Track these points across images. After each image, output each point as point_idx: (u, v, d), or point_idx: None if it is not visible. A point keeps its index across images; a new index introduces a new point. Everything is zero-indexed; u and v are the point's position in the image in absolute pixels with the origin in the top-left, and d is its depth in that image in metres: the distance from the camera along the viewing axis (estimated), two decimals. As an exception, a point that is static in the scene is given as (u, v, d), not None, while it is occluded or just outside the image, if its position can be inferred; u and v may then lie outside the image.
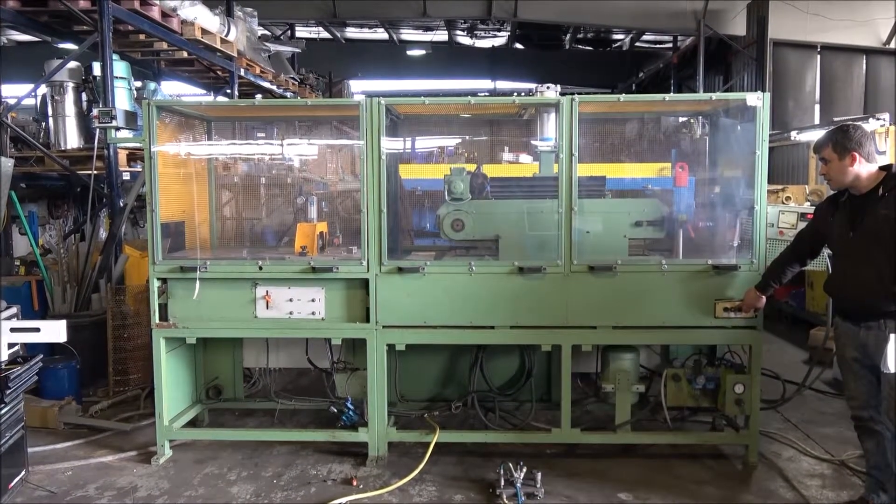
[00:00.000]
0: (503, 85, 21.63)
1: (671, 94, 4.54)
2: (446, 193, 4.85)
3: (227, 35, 9.26)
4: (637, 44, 20.32)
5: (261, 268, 4.70)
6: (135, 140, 5.66)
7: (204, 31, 8.55)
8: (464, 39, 21.32)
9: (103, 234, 7.43)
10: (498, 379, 5.32)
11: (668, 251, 4.92)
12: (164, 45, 8.50)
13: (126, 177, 6.92)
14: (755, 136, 4.49)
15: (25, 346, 4.95)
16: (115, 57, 6.90)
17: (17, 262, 6.34)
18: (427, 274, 4.63)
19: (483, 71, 21.31)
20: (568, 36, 20.29)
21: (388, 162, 4.66)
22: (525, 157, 8.47)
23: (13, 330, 4.28)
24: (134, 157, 7.24)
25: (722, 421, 4.91)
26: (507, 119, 5.86)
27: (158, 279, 4.75)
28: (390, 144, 4.84)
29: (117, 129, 4.70)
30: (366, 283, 4.67)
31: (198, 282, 4.67)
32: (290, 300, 4.73)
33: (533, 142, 5.92)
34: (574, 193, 4.54)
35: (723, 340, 4.75)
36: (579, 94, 4.62)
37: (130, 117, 4.76)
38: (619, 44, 21.03)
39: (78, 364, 5.95)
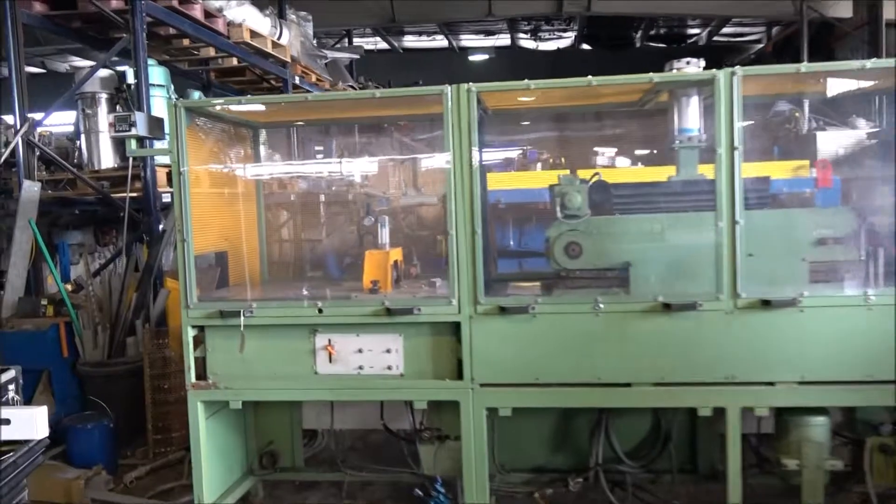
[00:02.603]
0: (571, 88, 20.35)
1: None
2: (558, 209, 3.69)
3: (279, 38, 8.36)
4: (715, 38, 18.78)
5: (321, 310, 3.64)
6: (159, 152, 4.71)
7: (253, 34, 7.66)
8: (527, 43, 20.22)
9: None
10: (625, 442, 4.11)
11: (831, 276, 3.62)
12: (212, 52, 7.66)
13: (166, 199, 6.03)
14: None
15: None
16: (151, 62, 6.04)
17: (44, 302, 5.50)
18: (538, 315, 3.49)
19: (547, 75, 20.06)
20: (639, 33, 18.95)
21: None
22: (622, 160, 7.24)
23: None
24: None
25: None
26: (621, 109, 4.67)
27: (193, 327, 3.74)
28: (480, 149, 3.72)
29: (139, 139, 3.73)
30: (457, 327, 3.56)
31: (242, 330, 3.64)
32: (360, 351, 3.66)
33: (649, 135, 4.73)
34: (738, 201, 3.34)
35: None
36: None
37: (155, 124, 3.79)
38: (694, 39, 19.52)
39: (111, 423, 5.02)
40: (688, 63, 3.67)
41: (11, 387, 3.46)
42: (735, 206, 3.34)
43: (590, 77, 3.63)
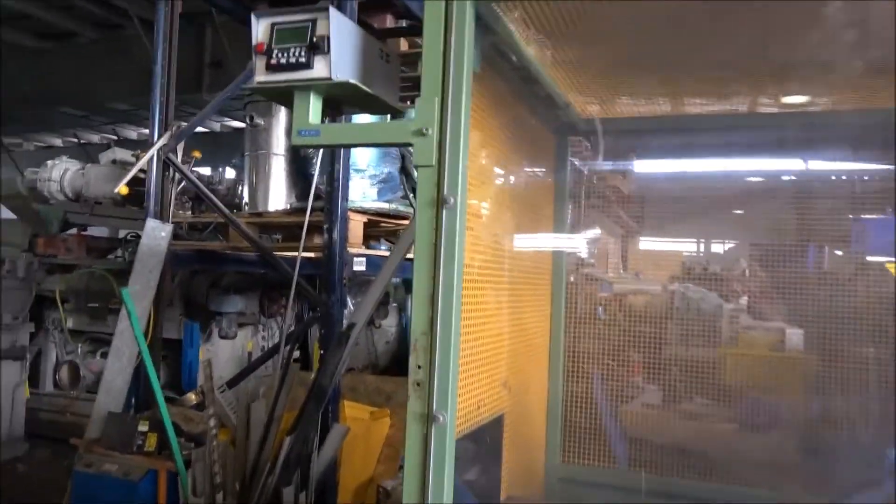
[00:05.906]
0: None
1: None
2: None
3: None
4: None
5: None
6: (390, 130, 2.23)
7: None
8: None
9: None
10: None
11: None
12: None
13: (359, 267, 3.66)
14: None
15: None
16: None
17: (143, 427, 3.20)
18: None
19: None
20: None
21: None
22: None
23: None
24: (377, 228, 3.99)
25: None
26: None
27: None
28: None
29: (329, 92, 1.27)
30: None
31: None
32: None
33: None
34: None
35: None
36: None
37: (376, 60, 1.33)
38: None
39: None
40: None
41: None
42: None
43: None
